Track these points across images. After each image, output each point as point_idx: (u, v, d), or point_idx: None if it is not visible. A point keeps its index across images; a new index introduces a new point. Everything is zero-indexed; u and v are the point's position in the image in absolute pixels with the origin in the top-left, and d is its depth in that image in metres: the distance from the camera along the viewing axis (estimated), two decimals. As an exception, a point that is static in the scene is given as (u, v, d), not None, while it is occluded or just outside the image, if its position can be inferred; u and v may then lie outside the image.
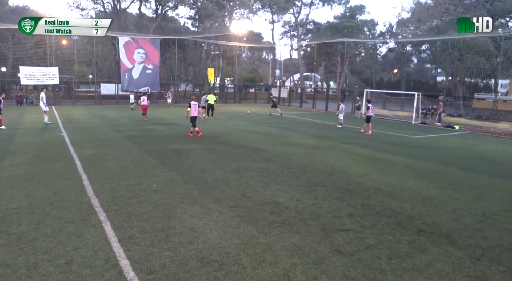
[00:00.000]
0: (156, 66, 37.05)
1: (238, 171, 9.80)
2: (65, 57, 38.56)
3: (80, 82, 39.57)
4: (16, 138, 14.31)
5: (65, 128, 17.06)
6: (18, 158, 10.81)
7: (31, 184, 8.26)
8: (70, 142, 13.48)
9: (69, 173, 9.14)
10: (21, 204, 6.93)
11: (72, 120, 20.84)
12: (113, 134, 15.63)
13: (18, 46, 35.22)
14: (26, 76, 31.52)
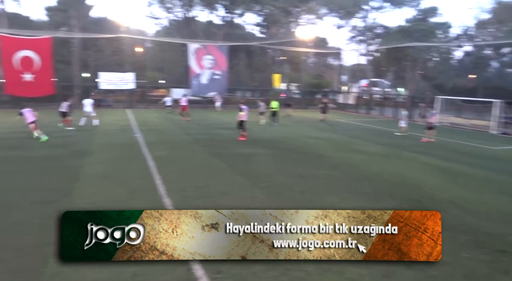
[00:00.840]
0: (223, 72, 38.14)
1: (303, 176, 9.76)
2: (140, 63, 41.03)
3: (152, 87, 41.83)
4: (96, 138, 15.49)
5: (139, 130, 18.14)
6: (99, 156, 11.69)
7: (109, 181, 8.90)
8: (144, 143, 14.31)
9: (143, 172, 9.71)
10: (101, 199, 7.50)
11: (146, 122, 22.09)
12: (183, 137, 16.33)
13: (98, 54, 38.17)
14: (105, 81, 34.11)
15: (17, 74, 30.97)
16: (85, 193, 7.92)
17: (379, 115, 36.53)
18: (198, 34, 44.10)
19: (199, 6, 42.33)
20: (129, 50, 36.65)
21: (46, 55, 31.71)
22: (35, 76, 31.34)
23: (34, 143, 14.04)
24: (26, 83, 31.00)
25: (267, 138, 16.48)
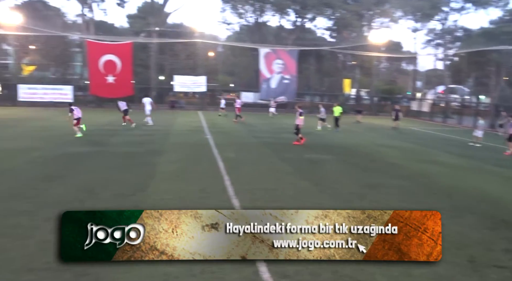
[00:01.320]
0: (293, 76, 38.22)
1: (373, 186, 9.45)
2: (212, 67, 42.50)
3: (223, 90, 43.12)
4: (170, 138, 16.31)
5: (209, 132, 18.78)
6: (172, 155, 12.29)
7: (181, 179, 9.31)
8: (214, 144, 14.78)
9: (213, 173, 10.03)
10: (174, 196, 7.86)
11: (216, 124, 22.80)
12: (251, 140, 16.62)
13: (174, 58, 40.19)
14: (179, 84, 35.83)
15: (101, 77, 33.60)
16: (158, 189, 8.36)
17: (456, 124, 34.28)
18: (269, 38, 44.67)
19: (271, 11, 42.86)
20: (202, 55, 38.14)
21: (127, 59, 34.05)
22: (116, 78, 33.76)
23: (116, 140, 15.14)
24: (108, 84, 33.52)
25: (335, 144, 16.21)
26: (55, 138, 15.26)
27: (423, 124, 31.96)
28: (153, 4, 38.29)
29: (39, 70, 39.87)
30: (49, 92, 33.52)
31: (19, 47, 38.69)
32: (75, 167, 10.34)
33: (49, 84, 35.51)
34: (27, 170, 9.90)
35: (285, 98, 37.53)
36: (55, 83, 36.61)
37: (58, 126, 19.12)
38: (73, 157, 11.67)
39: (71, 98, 33.67)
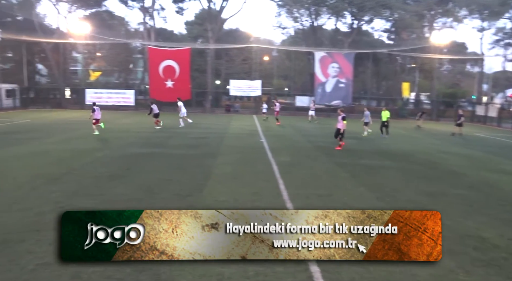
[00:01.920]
0: (349, 80, 37.46)
1: (433, 195, 8.97)
2: (267, 71, 42.79)
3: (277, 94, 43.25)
4: (225, 141, 16.61)
5: (264, 136, 18.87)
6: (227, 158, 12.49)
7: (236, 181, 9.42)
8: (268, 148, 14.83)
9: (267, 176, 10.05)
10: (228, 198, 7.97)
11: (270, 128, 22.87)
12: (305, 144, 16.49)
13: (229, 63, 40.96)
14: (234, 88, 36.45)
15: (161, 81, 35.03)
16: (214, 191, 8.53)
17: (528, 130, 31.73)
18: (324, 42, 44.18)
19: (326, 14, 42.37)
20: (257, 59, 38.52)
21: (185, 65, 35.23)
22: (175, 83, 35.03)
23: (173, 142, 15.67)
24: (167, 89, 34.86)
25: (393, 150, 15.63)
26: (117, 140, 16.10)
27: (490, 130, 29.94)
28: (210, 11, 39.34)
29: (104, 75, 42.41)
30: (113, 96, 35.52)
31: (87, 55, 41.43)
32: (135, 167, 10.83)
33: (113, 88, 37.62)
34: (91, 169, 10.53)
35: (341, 102, 36.83)
36: (118, 87, 38.73)
37: (121, 129, 20.16)
38: (133, 158, 12.24)
39: (132, 102, 35.44)
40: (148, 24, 40.28)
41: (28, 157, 12.07)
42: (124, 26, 44.46)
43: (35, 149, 13.60)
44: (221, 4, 39.19)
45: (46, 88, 41.58)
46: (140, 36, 41.86)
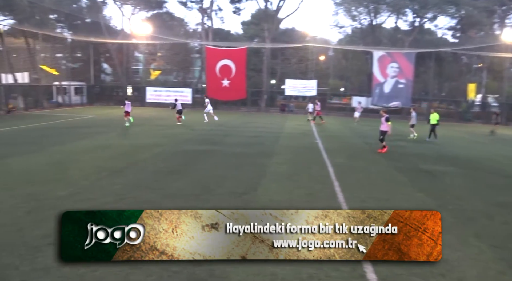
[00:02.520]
0: (408, 81, 35.94)
1: (506, 205, 8.31)
2: (322, 71, 42.17)
3: (333, 94, 42.49)
4: (280, 140, 16.57)
5: (319, 136, 18.60)
6: (281, 157, 12.45)
7: (291, 182, 9.35)
8: (324, 149, 14.58)
9: (322, 178, 9.87)
10: (283, 198, 7.93)
11: (325, 129, 22.51)
12: (362, 146, 16.05)
13: (285, 62, 40.85)
14: (289, 87, 36.32)
15: (218, 81, 35.72)
16: (269, 190, 8.52)
17: None
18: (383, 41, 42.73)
19: (386, 12, 40.92)
20: (313, 59, 38.09)
21: (241, 64, 35.65)
22: (231, 82, 35.55)
23: (229, 140, 15.91)
24: (224, 88, 35.48)
25: (456, 155, 14.74)
26: (175, 136, 16.63)
27: None
28: (267, 11, 39.47)
29: (163, 74, 44.00)
30: (172, 95, 36.71)
31: (148, 54, 43.23)
32: (193, 163, 11.11)
33: (171, 87, 38.95)
34: (151, 163, 10.95)
35: (399, 103, 35.43)
36: (176, 86, 40.03)
37: (178, 126, 20.80)
38: (191, 154, 12.57)
39: (190, 100, 36.47)
40: (206, 24, 41.24)
41: (94, 150, 12.81)
42: (183, 27, 45.85)
43: (100, 142, 14.41)
44: (278, 4, 39.23)
45: (110, 86, 44.01)
46: (198, 36, 42.97)
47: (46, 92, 33.52)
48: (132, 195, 7.77)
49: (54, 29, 36.78)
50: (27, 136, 15.91)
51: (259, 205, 7.45)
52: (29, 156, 11.71)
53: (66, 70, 37.75)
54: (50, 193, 7.79)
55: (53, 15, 36.83)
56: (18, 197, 7.50)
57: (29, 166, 10.34)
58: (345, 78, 41.71)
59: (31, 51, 34.13)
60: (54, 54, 38.19)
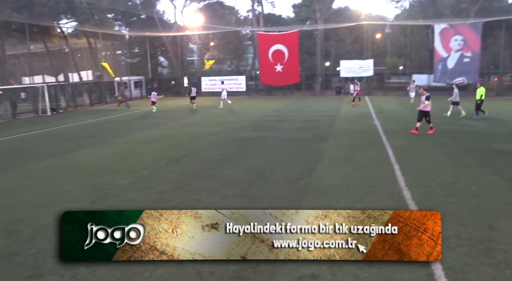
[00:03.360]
0: (475, 54, 33.27)
1: None
2: (379, 50, 40.31)
3: (391, 73, 40.56)
4: (335, 124, 16.12)
5: (377, 118, 17.83)
6: (338, 141, 12.08)
7: (348, 166, 9.03)
8: (382, 131, 13.94)
9: (381, 161, 9.42)
10: (340, 183, 7.66)
11: (383, 110, 21.56)
12: (424, 126, 15.09)
13: (339, 43, 39.56)
14: (345, 69, 35.16)
15: (271, 66, 35.47)
16: (325, 175, 8.29)
17: None
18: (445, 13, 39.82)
19: (448, -19, 38.07)
20: (369, 37, 36.48)
21: (293, 48, 35.06)
22: (284, 67, 35.14)
23: (283, 126, 15.74)
24: (277, 73, 35.17)
25: None
26: (230, 124, 16.76)
27: None
28: (318, -9, 38.30)
29: (217, 63, 44.58)
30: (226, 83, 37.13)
31: (201, 45, 43.92)
32: (247, 150, 11.11)
33: (225, 75, 39.37)
34: (207, 152, 11.11)
35: (465, 79, 32.97)
36: (230, 74, 40.39)
37: (233, 113, 20.99)
38: (245, 141, 12.59)
39: (244, 87, 36.63)
40: (257, 10, 40.95)
41: (153, 140, 13.27)
42: (234, 15, 45.94)
43: (158, 133, 14.92)
44: (330, -17, 37.90)
45: (167, 78, 45.46)
46: (249, 23, 42.86)
47: (108, 88, 35.31)
48: (189, 183, 7.91)
49: (113, 28, 38.50)
50: (92, 130, 16.87)
51: (316, 190, 7.26)
52: (93, 148, 12.40)
53: (125, 66, 39.51)
54: (112, 183, 8.16)
55: (110, 14, 38.51)
56: (84, 187, 7.94)
57: (94, 157, 10.93)
58: (404, 56, 39.56)
59: (93, 50, 36.03)
60: (114, 51, 40.11)
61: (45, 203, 7.08)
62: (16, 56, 37.70)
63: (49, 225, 5.95)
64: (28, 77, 35.72)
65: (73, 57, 34.32)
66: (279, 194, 7.07)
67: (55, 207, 6.79)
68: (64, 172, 9.35)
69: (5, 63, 28.48)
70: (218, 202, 6.69)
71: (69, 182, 8.43)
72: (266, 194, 7.12)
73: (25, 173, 9.53)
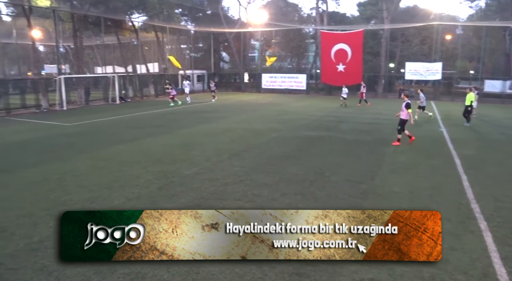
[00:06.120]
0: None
1: None
2: (449, 52, 38.24)
3: (460, 78, 38.33)
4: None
5: (443, 124, 17.00)
6: (400, 146, 11.69)
7: (411, 173, 8.76)
8: (449, 138, 13.30)
9: (447, 170, 9.03)
10: (402, 190, 7.48)
11: (451, 117, 20.48)
12: (496, 136, 14.20)
13: (405, 44, 38.02)
14: (410, 71, 33.78)
15: (332, 65, 34.96)
16: (387, 180, 8.11)
17: None
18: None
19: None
20: (438, 39, 34.71)
21: (357, 48, 34.27)
22: (346, 67, 34.48)
23: (344, 127, 15.52)
24: (338, 73, 34.60)
25: None
26: (290, 122, 16.81)
27: None
28: (386, -11, 37.02)
29: (278, 60, 44.69)
30: (286, 81, 37.19)
31: (263, 41, 44.23)
32: (307, 149, 11.14)
33: (286, 73, 39.39)
34: (267, 148, 11.27)
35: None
36: (291, 72, 40.36)
37: (293, 112, 21.00)
38: (306, 140, 12.61)
39: (304, 86, 36.46)
40: (321, 8, 40.46)
41: (214, 133, 13.69)
42: (297, 12, 45.73)
43: (220, 126, 15.35)
44: (399, -19, 36.50)
45: (228, 73, 46.35)
46: (312, 21, 42.47)
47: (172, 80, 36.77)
48: (250, 177, 8.11)
49: (179, 23, 39.92)
50: (158, 120, 17.71)
51: (378, 195, 7.15)
52: (159, 137, 13.05)
53: (189, 60, 40.87)
54: (177, 171, 8.57)
55: (178, 10, 39.93)
56: (151, 173, 8.42)
57: (159, 146, 11.53)
58: (475, 60, 37.24)
59: (160, 43, 37.60)
60: (179, 45, 41.59)
61: (116, 185, 7.62)
62: (90, 47, 40.34)
63: (122, 205, 6.45)
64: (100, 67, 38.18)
65: (142, 50, 36.06)
66: (339, 196, 7.04)
67: (126, 190, 7.31)
68: (133, 158, 9.96)
69: (82, 54, 30.61)
70: (279, 199, 6.81)
71: (137, 167, 8.99)
72: (326, 194, 7.12)
73: (98, 156, 10.29)
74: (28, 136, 13.50)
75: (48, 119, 18.13)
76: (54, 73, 26.65)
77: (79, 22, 28.67)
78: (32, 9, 26.00)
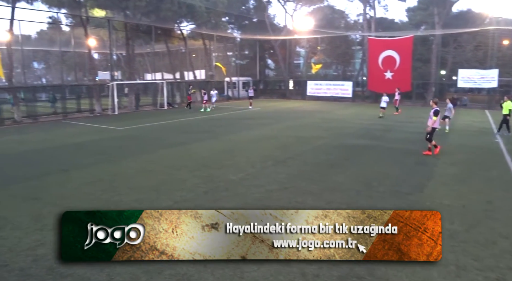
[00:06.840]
0: None
1: None
2: (506, 58, 36.18)
3: None
4: (449, 138, 14.95)
5: (500, 135, 15.94)
6: (451, 157, 11.19)
7: (464, 185, 8.35)
8: (506, 150, 12.53)
9: (505, 184, 8.51)
10: (453, 203, 7.13)
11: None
12: None
13: (458, 50, 36.39)
14: (463, 79, 32.29)
15: (380, 73, 34.16)
16: (437, 192, 7.79)
17: None
18: None
19: None
20: (494, 44, 32.97)
21: (406, 54, 33.31)
22: (394, 74, 33.58)
23: (391, 136, 15.09)
24: (386, 81, 33.76)
25: None
26: (336, 130, 16.57)
27: None
28: (439, -6, 35.70)
29: (323, 68, 44.31)
30: (332, 88, 36.75)
31: (309, 49, 44.06)
32: (353, 158, 10.93)
33: (331, 80, 38.96)
34: (312, 156, 11.18)
35: None
36: (336, 79, 39.86)
37: (339, 119, 20.72)
38: (352, 148, 12.38)
39: (350, 93, 35.87)
40: (368, 14, 39.76)
41: (259, 140, 13.77)
42: (343, 19, 45.17)
43: (264, 133, 15.43)
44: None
45: (273, 80, 46.58)
46: (359, 27, 41.80)
47: (218, 87, 37.46)
48: (294, 184, 8.08)
49: (226, 30, 40.69)
50: (203, 125, 18.09)
51: (430, 208, 6.85)
52: (205, 142, 13.34)
53: (235, 67, 41.51)
54: (223, 177, 8.71)
55: (225, 18, 40.75)
56: (198, 177, 8.61)
57: (206, 151, 11.77)
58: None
59: (207, 51, 38.50)
60: (225, 52, 42.37)
61: (163, 188, 7.87)
62: (141, 55, 42.07)
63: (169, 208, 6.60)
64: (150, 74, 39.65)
65: (189, 57, 37.09)
66: (386, 207, 6.79)
67: (173, 193, 7.53)
68: (180, 162, 10.25)
69: (133, 61, 31.98)
70: (324, 207, 6.72)
71: (184, 171, 9.23)
72: (373, 205, 6.94)
73: (147, 159, 10.68)
74: (83, 139, 14.29)
75: (101, 123, 19.09)
76: (107, 79, 28.10)
77: (132, 31, 30.03)
78: (89, 20, 27.60)
